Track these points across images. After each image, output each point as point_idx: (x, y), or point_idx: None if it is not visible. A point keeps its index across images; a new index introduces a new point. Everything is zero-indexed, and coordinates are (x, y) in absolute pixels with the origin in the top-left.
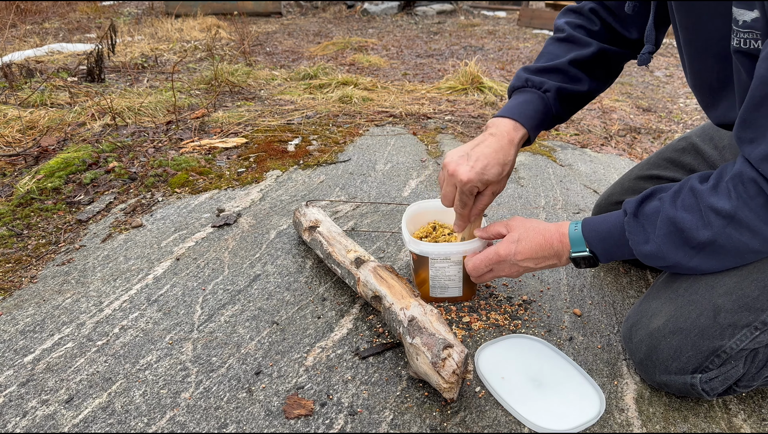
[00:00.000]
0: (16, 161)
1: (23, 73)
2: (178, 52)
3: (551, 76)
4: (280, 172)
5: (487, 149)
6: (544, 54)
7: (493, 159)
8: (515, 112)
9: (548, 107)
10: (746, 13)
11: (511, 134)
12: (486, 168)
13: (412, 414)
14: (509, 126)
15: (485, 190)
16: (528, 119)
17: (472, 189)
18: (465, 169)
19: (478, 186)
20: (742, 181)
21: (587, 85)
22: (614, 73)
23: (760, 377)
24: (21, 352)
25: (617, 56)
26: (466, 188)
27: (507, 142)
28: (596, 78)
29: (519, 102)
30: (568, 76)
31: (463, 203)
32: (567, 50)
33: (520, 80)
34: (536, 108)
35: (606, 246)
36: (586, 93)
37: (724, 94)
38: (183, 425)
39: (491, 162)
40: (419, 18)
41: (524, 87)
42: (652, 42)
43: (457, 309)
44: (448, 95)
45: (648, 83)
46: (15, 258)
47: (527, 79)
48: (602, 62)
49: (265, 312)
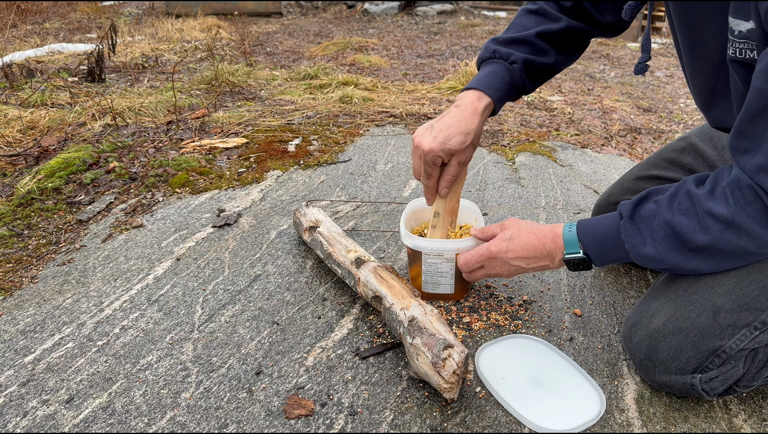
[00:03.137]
0: (16, 161)
1: (24, 73)
2: (179, 52)
3: (518, 48)
4: (281, 172)
5: (450, 120)
6: (514, 25)
7: (456, 128)
8: (481, 83)
9: (514, 78)
10: (742, 24)
11: (475, 104)
12: (448, 137)
13: (412, 414)
14: (474, 96)
15: (451, 160)
16: (493, 90)
17: (435, 158)
18: (428, 140)
19: (441, 155)
20: (739, 186)
21: (553, 58)
22: (580, 48)
23: (760, 377)
24: (21, 352)
25: (585, 33)
26: (428, 158)
27: (471, 112)
28: (563, 52)
29: (485, 73)
30: (535, 48)
31: (428, 174)
32: (536, 23)
33: (488, 51)
34: (502, 78)
35: (601, 249)
36: (552, 65)
37: (720, 98)
38: (183, 425)
39: (453, 131)
40: (420, 18)
41: (492, 58)
42: (649, 51)
43: (458, 309)
44: (448, 95)
45: (648, 83)
46: (15, 258)
47: (495, 51)
48: (570, 38)
49: (265, 313)
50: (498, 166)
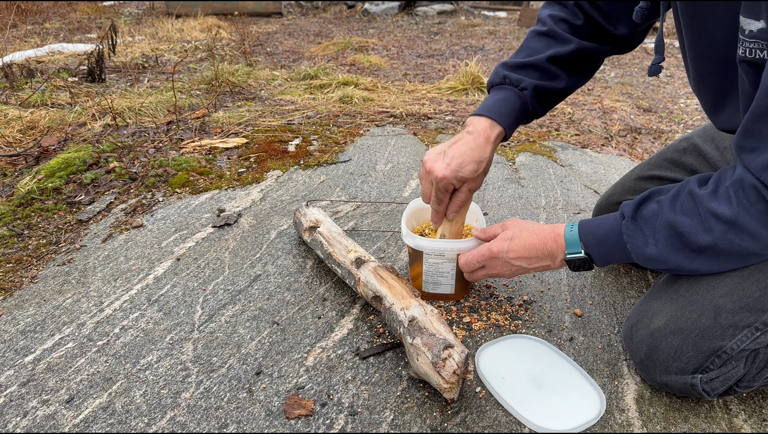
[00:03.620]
0: (16, 161)
1: (24, 74)
2: (179, 53)
3: (529, 73)
4: (281, 172)
5: (463, 147)
6: (524, 48)
7: (469, 157)
8: (492, 111)
9: (525, 105)
10: (753, 23)
11: (488, 132)
12: (461, 165)
13: (412, 414)
14: (486, 124)
15: (461, 187)
16: (504, 117)
17: (447, 186)
18: (441, 167)
19: (454, 183)
20: (742, 186)
21: (565, 82)
22: (593, 68)
23: (761, 377)
24: (21, 352)
25: (597, 53)
26: (441, 185)
27: (483, 141)
28: (574, 74)
29: (496, 99)
30: (546, 73)
31: (439, 199)
32: (546, 46)
33: (498, 77)
34: (513, 106)
35: (603, 250)
36: (564, 89)
37: (727, 99)
38: (183, 425)
39: (466, 159)
40: (420, 18)
41: (502, 84)
42: (662, 52)
43: (458, 309)
44: (448, 95)
45: (649, 83)
46: (15, 258)
47: (505, 76)
48: (581, 59)
49: (265, 313)
50: (498, 166)
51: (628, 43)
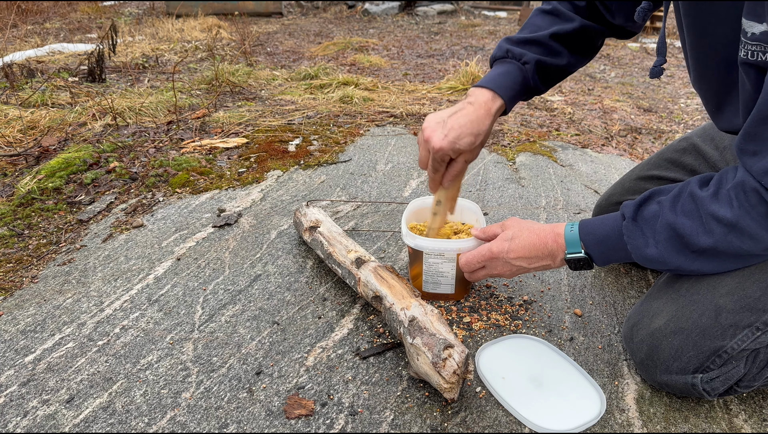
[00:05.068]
0: (17, 161)
1: (24, 73)
2: (179, 53)
3: (532, 48)
4: (281, 172)
5: (462, 119)
6: (528, 25)
7: (467, 129)
8: (494, 83)
9: (526, 79)
10: (755, 26)
11: (489, 104)
12: (459, 137)
13: (412, 414)
14: (487, 96)
15: (458, 158)
16: (506, 90)
17: (444, 156)
18: (438, 137)
19: (450, 154)
20: (744, 189)
21: (566, 60)
22: (594, 49)
23: (761, 377)
24: (22, 352)
25: (599, 33)
26: (437, 156)
27: (484, 113)
28: (576, 53)
29: (499, 72)
30: (549, 49)
31: (435, 168)
32: (550, 23)
33: (502, 51)
34: (515, 79)
35: (603, 250)
36: (565, 66)
37: (728, 100)
38: (184, 425)
39: (464, 132)
40: (420, 18)
41: (505, 57)
42: (664, 54)
43: (458, 309)
44: (449, 95)
45: (649, 83)
46: (16, 258)
47: (508, 50)
48: (583, 38)
49: (265, 312)
50: (498, 166)
51: (624, 31)
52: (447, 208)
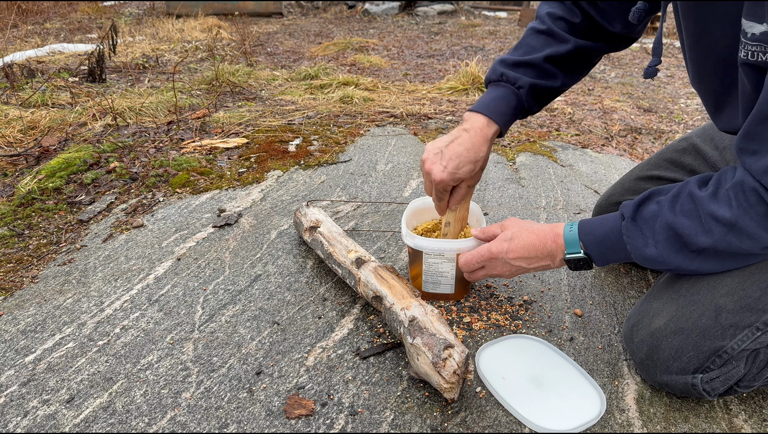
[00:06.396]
0: (17, 161)
1: (24, 74)
2: (179, 53)
3: (526, 72)
4: (281, 172)
5: (459, 147)
6: (522, 45)
7: (465, 157)
8: (489, 109)
9: (521, 102)
10: (755, 26)
11: (485, 130)
12: (458, 167)
13: (412, 414)
14: (483, 122)
15: (460, 184)
16: (501, 116)
17: (446, 186)
18: (438, 170)
19: (452, 184)
20: (743, 189)
21: (560, 81)
22: (590, 65)
23: (761, 377)
24: (22, 352)
25: (594, 51)
26: (439, 187)
27: (480, 139)
28: (570, 73)
29: (493, 97)
30: (543, 72)
31: (439, 197)
32: (544, 44)
33: (496, 74)
34: (509, 104)
35: (602, 250)
36: (559, 87)
37: (728, 101)
38: (184, 425)
39: (463, 160)
40: (420, 18)
41: (499, 81)
42: (660, 55)
43: (458, 309)
44: (449, 95)
45: (649, 83)
46: (16, 258)
47: (502, 74)
48: (578, 58)
49: (266, 313)
50: (498, 166)
51: (625, 40)
52: (456, 229)
